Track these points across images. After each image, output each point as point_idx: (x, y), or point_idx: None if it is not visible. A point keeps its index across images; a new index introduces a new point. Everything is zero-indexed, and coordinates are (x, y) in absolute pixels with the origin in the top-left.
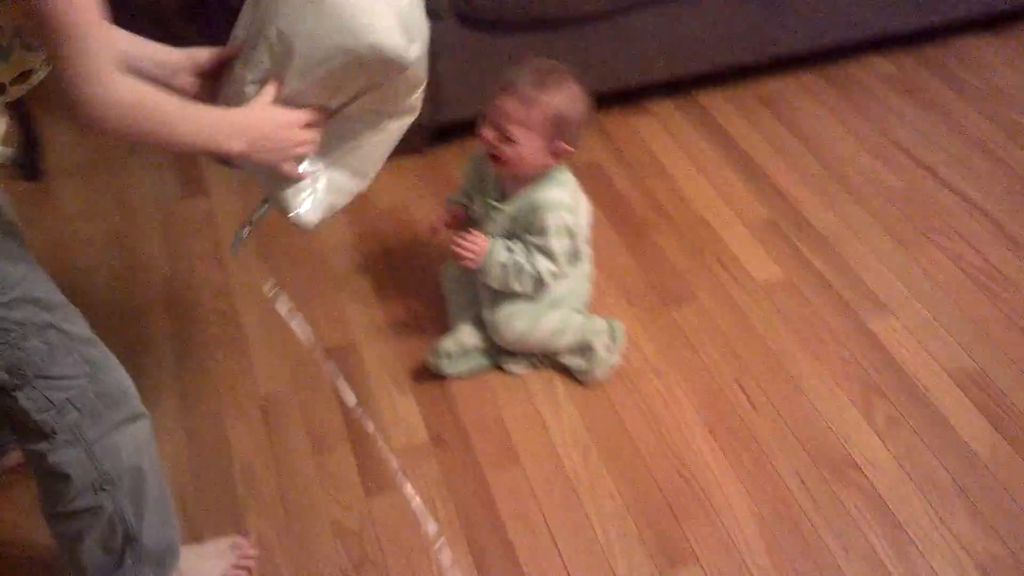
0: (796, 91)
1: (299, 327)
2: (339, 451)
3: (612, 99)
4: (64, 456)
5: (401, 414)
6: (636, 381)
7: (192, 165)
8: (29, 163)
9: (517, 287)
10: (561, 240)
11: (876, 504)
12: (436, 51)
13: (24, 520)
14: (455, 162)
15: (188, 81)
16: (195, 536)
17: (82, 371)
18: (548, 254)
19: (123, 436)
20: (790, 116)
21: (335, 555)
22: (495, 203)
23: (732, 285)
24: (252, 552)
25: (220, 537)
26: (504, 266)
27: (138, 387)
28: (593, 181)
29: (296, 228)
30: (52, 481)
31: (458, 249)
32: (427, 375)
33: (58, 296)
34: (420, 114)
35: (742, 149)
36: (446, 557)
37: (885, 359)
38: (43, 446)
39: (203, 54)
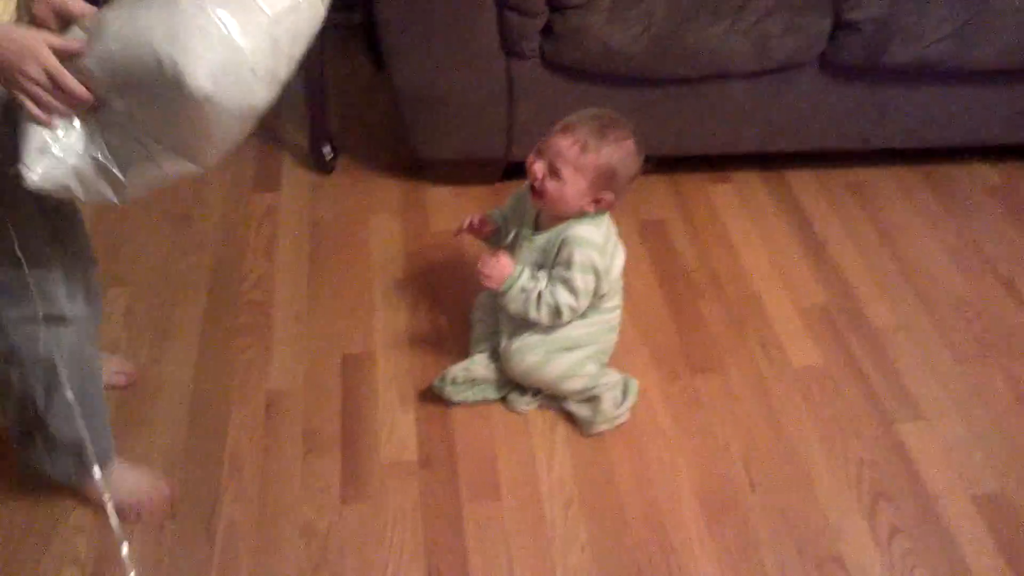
0: (889, 184)
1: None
2: (328, 456)
3: (695, 161)
4: None
5: (397, 430)
6: (640, 441)
7: (272, 160)
8: (319, 155)
9: (534, 314)
10: (586, 277)
11: None
12: (516, 90)
13: None
14: None
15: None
16: (172, 503)
17: (12, 260)
18: (570, 288)
19: (42, 330)
20: (876, 207)
21: (296, 554)
22: (531, 232)
23: (765, 364)
24: (165, 502)
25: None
26: (524, 291)
27: (159, 350)
28: (652, 237)
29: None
30: None
31: (483, 268)
32: (433, 396)
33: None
34: (494, 149)
35: (816, 232)
36: None
37: (906, 467)
38: None
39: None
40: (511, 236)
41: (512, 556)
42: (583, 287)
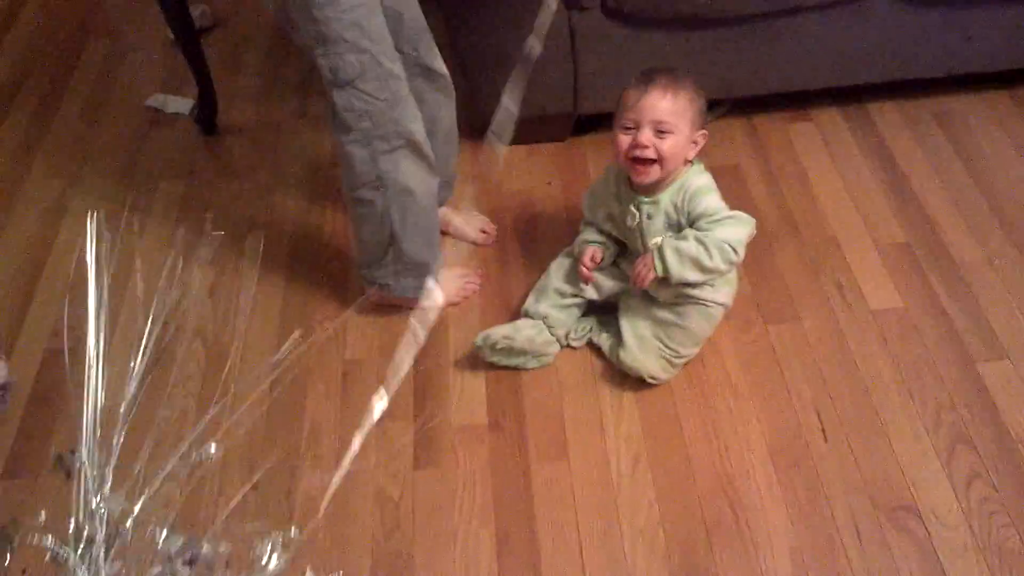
0: (978, 110)
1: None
2: (401, 422)
3: (773, 101)
4: (354, 150)
5: (467, 394)
6: (709, 394)
7: None
8: (206, 118)
9: (710, 263)
10: (735, 211)
11: (928, 559)
12: (579, 42)
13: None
14: (591, 153)
15: None
16: (252, 480)
17: (384, 96)
18: (733, 220)
19: (402, 158)
20: (963, 137)
21: (370, 520)
22: (646, 199)
23: (842, 309)
24: (477, 282)
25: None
26: (680, 253)
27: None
28: (727, 182)
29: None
30: (345, 167)
31: (636, 277)
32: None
33: (384, 33)
34: (563, 104)
35: (899, 167)
36: (471, 538)
37: (987, 409)
38: (343, 138)
39: None
40: (621, 220)
41: (579, 515)
42: (743, 215)
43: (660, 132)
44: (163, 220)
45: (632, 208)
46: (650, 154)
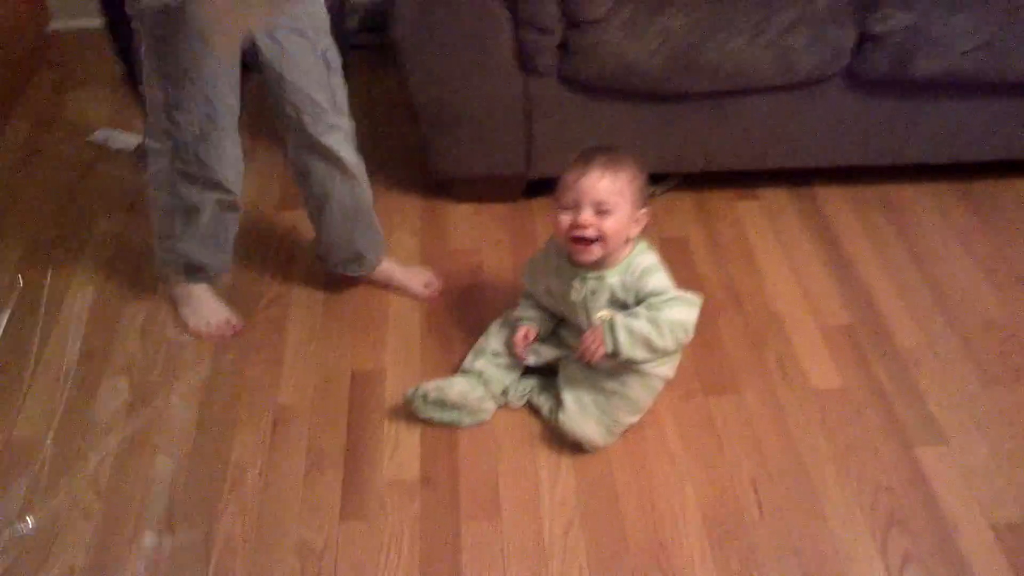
0: (923, 200)
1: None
2: (330, 474)
3: (723, 178)
4: (154, 157)
5: (401, 447)
6: (647, 462)
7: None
8: None
9: (661, 343)
10: (684, 292)
11: None
12: (535, 109)
13: None
14: (540, 216)
15: None
16: (168, 518)
17: (194, 131)
18: (683, 301)
19: (199, 187)
20: (907, 225)
21: (289, 572)
22: (592, 275)
23: (782, 386)
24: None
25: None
26: (632, 331)
27: (172, 364)
28: (674, 255)
29: None
30: (150, 162)
31: (586, 348)
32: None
33: (216, 76)
34: (515, 166)
35: (844, 250)
36: None
37: (924, 493)
38: (149, 141)
39: None
40: (564, 297)
41: None
42: (690, 296)
43: (601, 212)
44: (97, 257)
45: (576, 283)
46: (591, 233)
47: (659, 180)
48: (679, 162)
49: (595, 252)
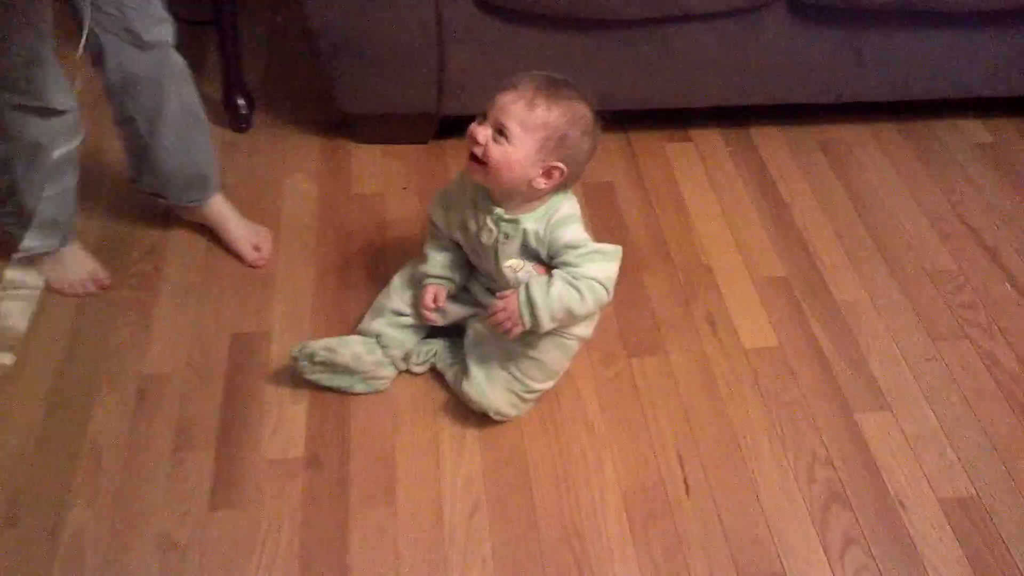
0: (866, 141)
1: None
2: (201, 454)
3: (653, 117)
4: None
5: (285, 423)
6: (561, 434)
7: None
8: (234, 110)
9: (579, 307)
10: (601, 245)
11: None
12: (447, 36)
13: None
14: (454, 159)
15: None
16: (9, 507)
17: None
18: (596, 256)
19: (28, 116)
20: (849, 167)
21: (147, 569)
22: (507, 218)
23: (712, 345)
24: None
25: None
26: (550, 300)
27: None
28: (597, 201)
29: None
30: None
31: (495, 318)
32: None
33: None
34: (426, 102)
35: (781, 195)
36: None
37: (866, 464)
38: None
39: None
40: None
41: (401, 570)
42: (609, 248)
43: (499, 134)
44: None
45: (490, 224)
46: (477, 151)
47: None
48: (607, 98)
49: (478, 175)
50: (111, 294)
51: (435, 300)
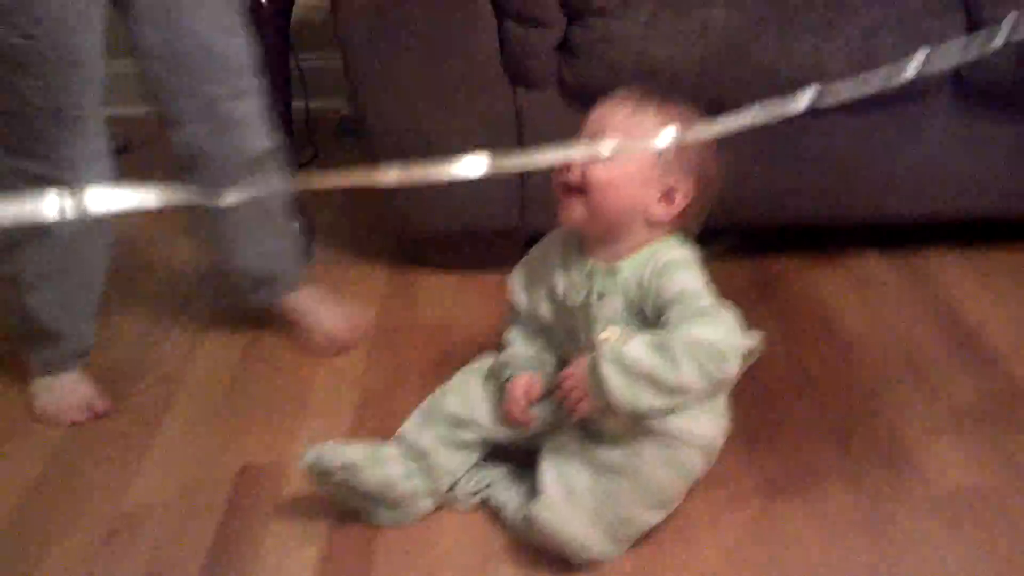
0: None
1: None
2: None
3: (788, 236)
4: None
5: (289, 561)
6: None
7: None
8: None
9: (671, 376)
10: (722, 303)
11: None
12: (528, 130)
13: None
14: None
15: None
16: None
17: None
18: (714, 315)
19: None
20: None
21: None
22: (602, 268)
23: (887, 488)
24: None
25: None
26: (628, 365)
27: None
28: None
29: None
30: None
31: (567, 401)
32: (351, 517)
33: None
34: (506, 217)
35: (965, 315)
36: None
37: None
38: None
39: None
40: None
41: None
42: (729, 317)
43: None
44: None
45: (581, 278)
46: (572, 178)
47: (710, 238)
48: (729, 214)
49: (576, 211)
50: (104, 423)
51: (528, 393)
